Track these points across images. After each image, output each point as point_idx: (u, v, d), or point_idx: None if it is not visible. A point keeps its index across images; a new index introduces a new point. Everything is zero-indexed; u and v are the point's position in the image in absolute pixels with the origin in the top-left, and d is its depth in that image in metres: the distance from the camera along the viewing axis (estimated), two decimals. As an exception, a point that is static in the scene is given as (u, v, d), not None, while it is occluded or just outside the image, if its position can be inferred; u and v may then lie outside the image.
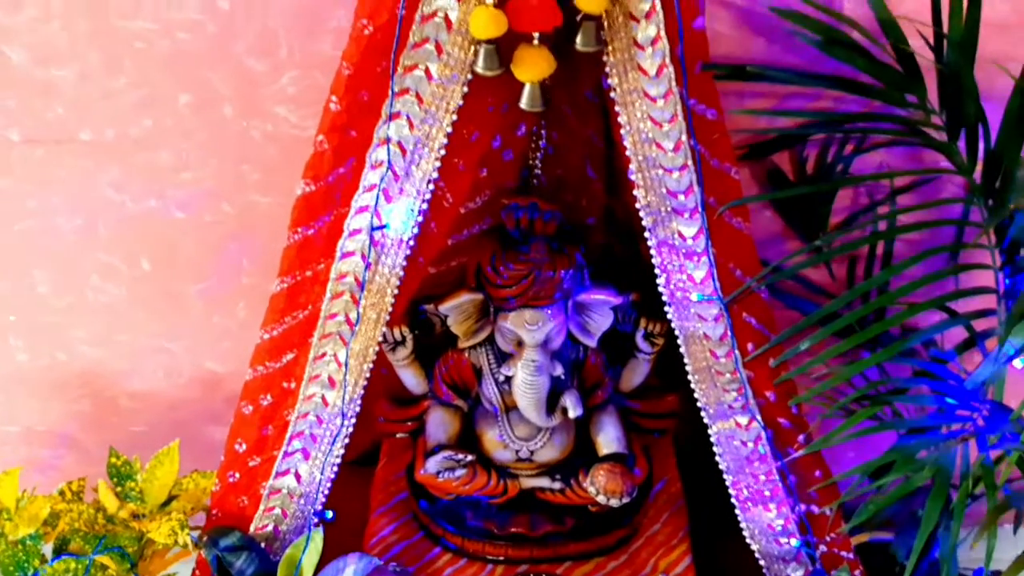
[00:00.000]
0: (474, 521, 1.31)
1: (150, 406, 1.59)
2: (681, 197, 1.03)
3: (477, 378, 1.30)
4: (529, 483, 1.30)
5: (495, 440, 1.29)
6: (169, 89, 1.20)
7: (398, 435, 1.40)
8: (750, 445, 1.18)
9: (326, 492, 1.20)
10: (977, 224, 1.09)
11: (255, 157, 1.26)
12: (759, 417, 1.15)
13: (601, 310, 1.24)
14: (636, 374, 1.34)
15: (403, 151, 1.00)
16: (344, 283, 1.08)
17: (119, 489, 1.22)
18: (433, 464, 1.25)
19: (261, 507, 1.21)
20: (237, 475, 1.22)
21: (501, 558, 1.31)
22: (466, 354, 1.28)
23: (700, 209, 1.03)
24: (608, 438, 1.30)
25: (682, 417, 1.42)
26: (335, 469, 1.19)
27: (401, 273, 1.07)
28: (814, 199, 1.29)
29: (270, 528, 1.21)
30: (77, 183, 1.28)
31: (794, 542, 1.20)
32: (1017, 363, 1.01)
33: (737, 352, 1.11)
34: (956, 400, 1.05)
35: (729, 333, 1.10)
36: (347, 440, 1.18)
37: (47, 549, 1.21)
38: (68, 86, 1.18)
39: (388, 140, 0.99)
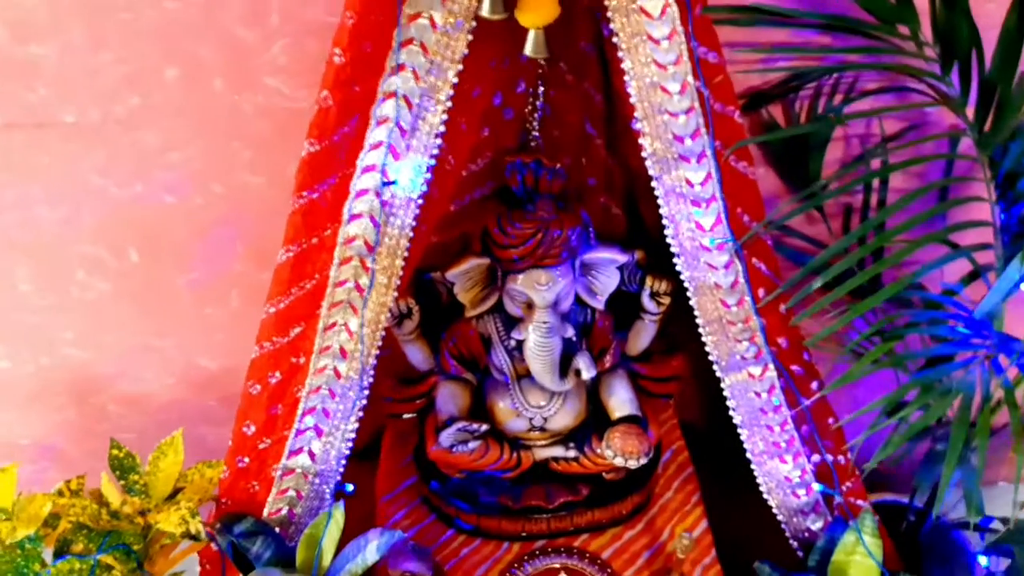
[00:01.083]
0: (488, 497, 1.29)
1: (139, 411, 1.53)
2: (688, 141, 1.03)
3: (485, 348, 1.28)
4: (543, 454, 1.28)
5: (508, 409, 1.27)
6: (156, 63, 1.16)
7: (405, 415, 1.37)
8: (764, 396, 1.18)
9: (342, 469, 1.17)
10: (971, 158, 1.11)
11: (246, 133, 1.23)
12: (774, 363, 1.15)
13: (607, 270, 1.24)
14: (642, 337, 1.33)
15: (409, 105, 0.98)
16: (352, 247, 1.05)
17: (122, 483, 1.17)
18: (446, 437, 1.22)
19: (274, 490, 1.16)
20: (246, 460, 1.18)
21: (520, 534, 1.29)
22: (473, 323, 1.27)
23: (709, 152, 1.03)
24: (620, 400, 1.29)
25: (686, 382, 1.42)
26: (350, 444, 1.15)
27: (411, 234, 1.05)
28: (807, 152, 1.31)
29: (284, 512, 1.17)
30: (60, 169, 1.24)
31: (816, 486, 1.20)
32: (1025, 287, 1.03)
33: (749, 297, 1.11)
34: (969, 330, 1.06)
35: (742, 279, 1.10)
36: (361, 413, 1.14)
37: (47, 555, 1.15)
38: (50, 64, 1.14)
39: (395, 93, 0.97)
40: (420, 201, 1.04)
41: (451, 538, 1.31)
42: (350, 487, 1.15)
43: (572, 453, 1.28)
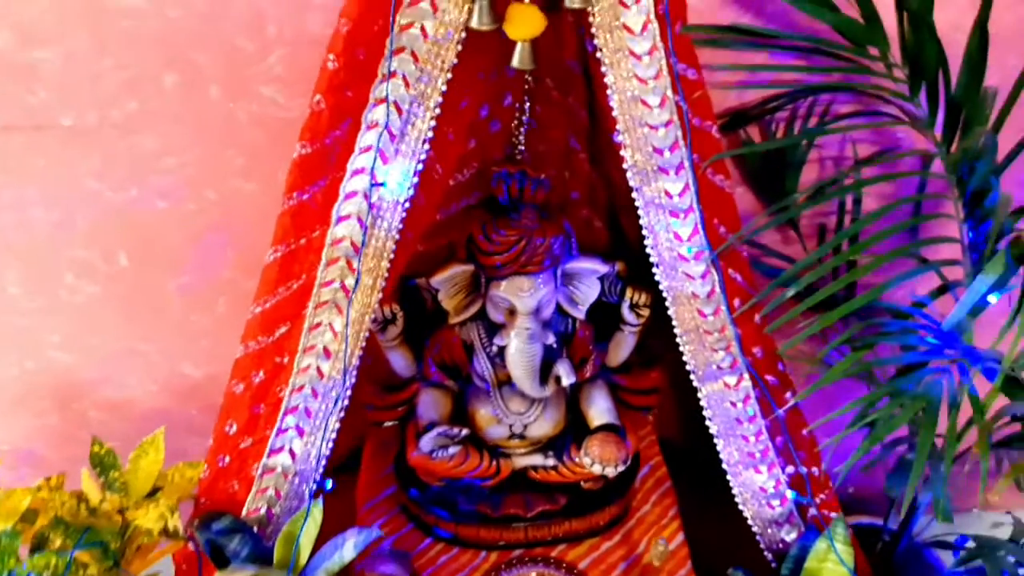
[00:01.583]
0: (467, 505, 1.30)
1: (120, 417, 1.54)
2: (667, 154, 1.07)
3: (468, 356, 1.30)
4: (522, 462, 1.30)
5: (488, 416, 1.29)
6: (155, 70, 1.19)
7: (386, 423, 1.38)
8: (739, 405, 1.21)
9: (321, 470, 1.17)
10: (940, 176, 1.15)
11: (240, 141, 1.26)
12: (749, 372, 1.17)
13: (588, 280, 1.27)
14: (622, 348, 1.36)
15: (399, 111, 1.02)
16: (340, 248, 1.08)
17: (102, 480, 1.17)
18: (427, 442, 1.23)
19: (253, 489, 1.17)
20: (227, 459, 1.18)
21: (497, 543, 1.30)
22: (457, 331, 1.29)
23: (687, 165, 1.07)
24: (599, 409, 1.31)
25: (665, 396, 1.45)
26: (330, 445, 1.17)
27: (397, 236, 1.08)
28: (784, 173, 1.35)
29: (263, 511, 1.18)
30: (56, 172, 1.26)
31: (790, 494, 1.22)
32: (992, 299, 1.06)
33: (725, 307, 1.14)
34: (938, 340, 1.09)
35: (718, 288, 1.13)
36: (343, 414, 1.16)
37: (24, 553, 1.15)
38: (52, 69, 1.17)
39: (385, 99, 1.00)
40: (407, 205, 1.07)
41: (429, 546, 1.31)
42: (329, 483, 1.16)
43: (551, 462, 1.29)
